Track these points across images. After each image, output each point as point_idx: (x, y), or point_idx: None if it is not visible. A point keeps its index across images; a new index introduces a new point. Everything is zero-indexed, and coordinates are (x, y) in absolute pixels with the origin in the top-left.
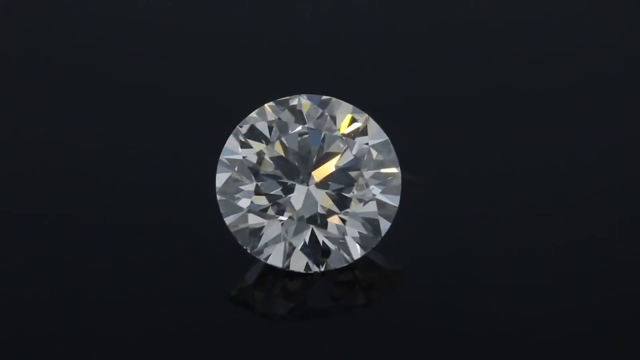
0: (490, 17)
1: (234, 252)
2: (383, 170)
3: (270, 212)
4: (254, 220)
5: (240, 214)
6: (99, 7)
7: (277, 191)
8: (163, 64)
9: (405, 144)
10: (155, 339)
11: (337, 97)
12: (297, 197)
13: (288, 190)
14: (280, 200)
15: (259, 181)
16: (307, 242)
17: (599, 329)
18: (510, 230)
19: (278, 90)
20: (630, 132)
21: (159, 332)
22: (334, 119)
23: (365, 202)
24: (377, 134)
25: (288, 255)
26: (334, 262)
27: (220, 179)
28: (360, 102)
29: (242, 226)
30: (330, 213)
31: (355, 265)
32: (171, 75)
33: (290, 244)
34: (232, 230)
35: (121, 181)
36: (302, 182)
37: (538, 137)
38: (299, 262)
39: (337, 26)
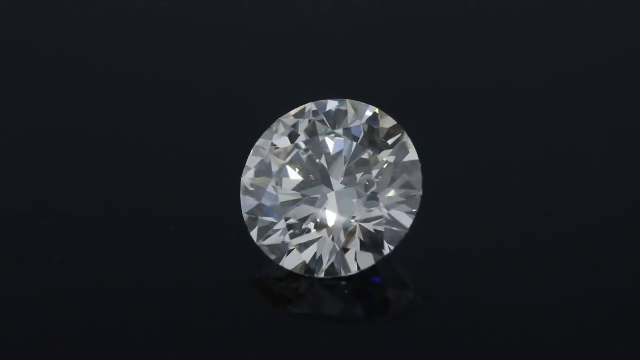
0: (490, 16)
1: (250, 247)
2: (404, 191)
3: (284, 209)
4: (265, 214)
5: (255, 204)
6: (99, 6)
7: (299, 191)
8: (164, 64)
9: None
10: (155, 338)
11: (336, 95)
12: (316, 201)
13: (309, 192)
14: (297, 199)
15: (284, 177)
16: (316, 251)
17: (605, 326)
18: (510, 230)
19: (281, 90)
20: (630, 131)
21: (156, 331)
22: (374, 131)
23: (379, 220)
24: (408, 153)
25: (292, 256)
26: (337, 271)
27: (248, 167)
28: (359, 100)
29: (254, 217)
30: (342, 222)
31: (363, 273)
32: (172, 74)
33: (296, 245)
34: (246, 220)
35: (142, 179)
36: (325, 187)
37: (538, 137)
38: (302, 265)
39: (336, 25)
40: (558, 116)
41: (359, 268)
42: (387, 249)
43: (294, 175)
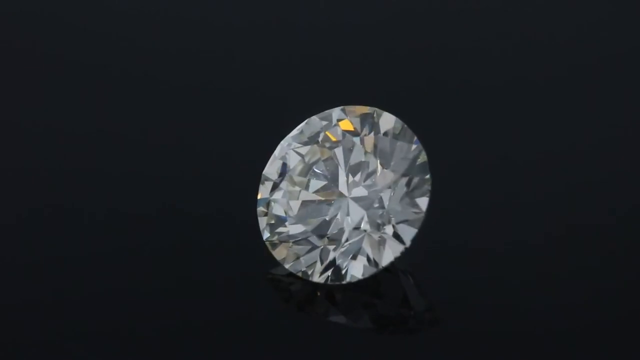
0: (491, 16)
1: (250, 247)
2: (412, 209)
3: (296, 210)
4: (277, 210)
5: (270, 199)
6: (99, 6)
7: (314, 194)
8: (164, 64)
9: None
10: (154, 337)
11: (336, 95)
12: (329, 207)
13: (324, 196)
14: (310, 201)
15: (302, 177)
16: (320, 255)
17: (605, 326)
18: (511, 228)
19: (281, 90)
20: (630, 131)
21: (156, 330)
22: (397, 145)
23: (384, 232)
24: (424, 175)
25: (295, 256)
26: (339, 278)
27: (271, 161)
28: (360, 100)
29: (266, 212)
30: (349, 230)
31: (364, 281)
32: (172, 74)
33: (301, 247)
34: (258, 213)
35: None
36: (340, 194)
37: (538, 137)
38: (304, 268)
39: (336, 24)
40: (561, 113)
41: (362, 276)
42: (389, 259)
43: (312, 178)
